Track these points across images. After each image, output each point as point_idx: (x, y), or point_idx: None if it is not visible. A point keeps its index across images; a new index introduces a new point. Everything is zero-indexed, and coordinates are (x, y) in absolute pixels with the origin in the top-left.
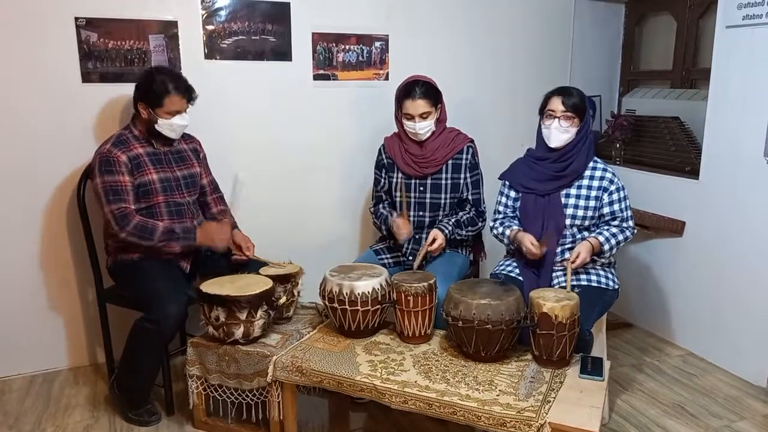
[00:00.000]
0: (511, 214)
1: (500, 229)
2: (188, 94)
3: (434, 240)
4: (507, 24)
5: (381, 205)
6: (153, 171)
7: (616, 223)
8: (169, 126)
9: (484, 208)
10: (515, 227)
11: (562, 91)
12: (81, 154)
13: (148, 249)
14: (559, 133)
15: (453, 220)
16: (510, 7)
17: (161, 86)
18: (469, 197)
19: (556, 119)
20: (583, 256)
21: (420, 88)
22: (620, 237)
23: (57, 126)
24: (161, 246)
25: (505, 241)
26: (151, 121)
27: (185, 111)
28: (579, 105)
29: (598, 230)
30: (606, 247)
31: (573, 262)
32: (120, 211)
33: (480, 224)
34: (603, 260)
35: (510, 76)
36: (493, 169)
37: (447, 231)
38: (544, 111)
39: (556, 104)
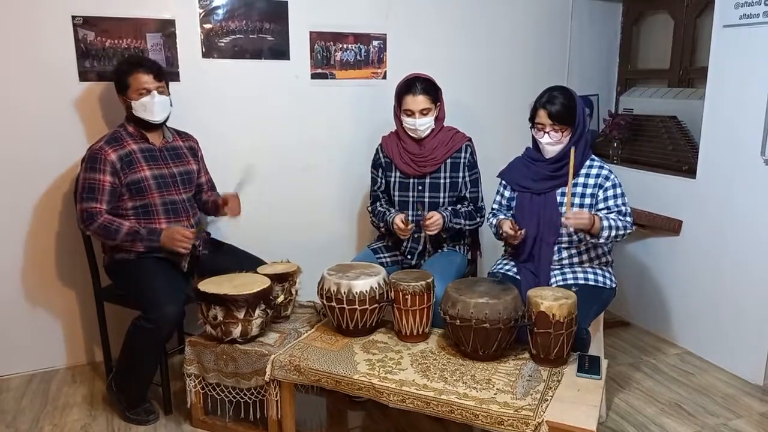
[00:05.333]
0: (505, 212)
1: (492, 220)
2: (153, 69)
3: (432, 217)
4: (505, 22)
5: (378, 203)
6: (146, 168)
7: (613, 215)
8: (142, 106)
9: (482, 205)
10: (502, 216)
11: (547, 102)
12: (78, 153)
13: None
14: (551, 146)
15: (450, 208)
16: (508, 6)
17: (123, 68)
18: (467, 195)
19: (546, 133)
20: (585, 213)
21: (421, 84)
22: (619, 224)
23: (54, 124)
24: (126, 246)
25: (493, 229)
26: (128, 107)
27: (158, 90)
28: (566, 114)
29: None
30: (605, 223)
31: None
32: (89, 210)
33: (478, 219)
34: (602, 241)
35: (508, 75)
36: (491, 167)
37: (445, 215)
38: (533, 121)
39: (543, 118)
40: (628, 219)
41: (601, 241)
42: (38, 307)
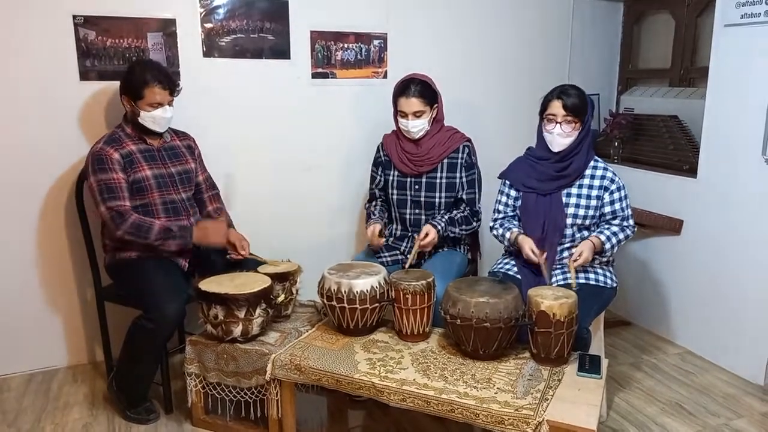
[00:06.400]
0: (511, 214)
1: (500, 231)
2: (170, 85)
3: (426, 235)
4: (506, 22)
5: (374, 202)
6: (146, 167)
7: (616, 222)
8: (151, 118)
9: (479, 207)
10: (515, 230)
11: (562, 93)
12: (79, 152)
13: (145, 247)
14: (562, 138)
15: (446, 217)
16: (509, 6)
17: (141, 78)
18: (464, 197)
19: (558, 124)
20: (586, 255)
21: (415, 87)
22: (621, 236)
23: (55, 124)
24: (158, 245)
25: (506, 243)
26: (134, 113)
27: (168, 104)
28: (579, 106)
29: (599, 230)
30: (607, 246)
31: (575, 261)
32: (116, 209)
33: (474, 224)
34: (603, 259)
35: (509, 75)
36: (492, 168)
37: (440, 227)
38: (543, 114)
39: (557, 108)
40: (630, 222)
41: (606, 256)
42: (39, 307)
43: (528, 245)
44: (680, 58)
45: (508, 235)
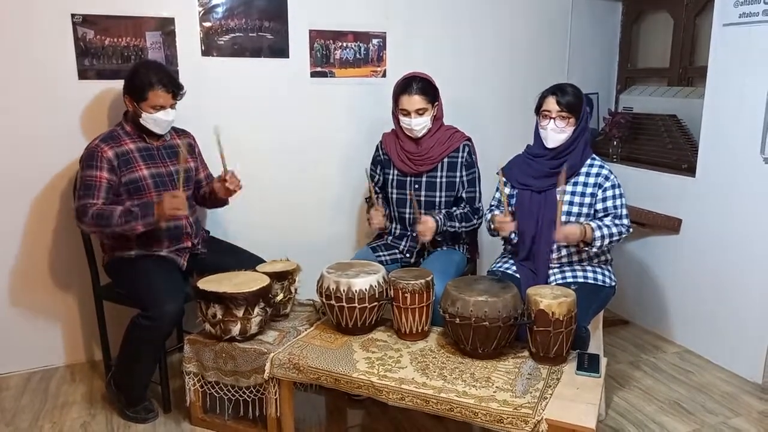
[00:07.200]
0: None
1: (488, 216)
2: (174, 89)
3: (426, 223)
4: (505, 21)
5: (375, 196)
6: (143, 167)
7: (608, 219)
8: (153, 120)
9: (480, 206)
10: (497, 211)
11: (557, 90)
12: (77, 151)
13: (143, 246)
14: (556, 133)
15: (444, 211)
16: (508, 5)
17: (146, 80)
18: (464, 195)
19: (552, 120)
20: (572, 229)
21: (417, 84)
22: (613, 230)
23: (53, 122)
24: (124, 230)
25: (486, 224)
26: (136, 114)
27: (171, 107)
28: (574, 103)
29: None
30: (597, 233)
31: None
32: (84, 206)
33: (475, 221)
34: (595, 249)
35: (508, 74)
36: (491, 167)
37: (438, 218)
38: (539, 110)
39: (551, 104)
40: (624, 222)
41: (594, 250)
42: (37, 306)
43: (499, 218)
44: (679, 58)
45: (489, 216)
